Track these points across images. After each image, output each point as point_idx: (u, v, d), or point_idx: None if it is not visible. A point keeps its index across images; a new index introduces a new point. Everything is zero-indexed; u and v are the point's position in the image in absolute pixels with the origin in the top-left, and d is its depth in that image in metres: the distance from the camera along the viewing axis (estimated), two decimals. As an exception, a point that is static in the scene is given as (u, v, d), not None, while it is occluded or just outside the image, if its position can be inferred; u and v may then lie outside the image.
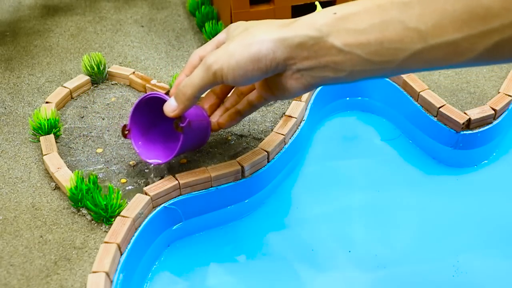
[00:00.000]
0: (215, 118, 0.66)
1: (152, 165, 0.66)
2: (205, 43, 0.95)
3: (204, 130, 0.65)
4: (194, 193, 0.67)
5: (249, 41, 0.51)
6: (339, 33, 0.47)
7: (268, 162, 0.71)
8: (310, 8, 0.91)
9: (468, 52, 0.43)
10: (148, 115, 0.66)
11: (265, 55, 0.50)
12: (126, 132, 0.65)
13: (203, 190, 0.67)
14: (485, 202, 0.74)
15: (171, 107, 0.58)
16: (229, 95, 0.67)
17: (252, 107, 0.63)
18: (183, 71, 0.62)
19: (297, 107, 0.77)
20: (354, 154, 0.81)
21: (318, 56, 0.49)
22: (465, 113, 0.76)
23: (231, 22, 0.90)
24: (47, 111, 0.75)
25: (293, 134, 0.75)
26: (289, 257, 0.68)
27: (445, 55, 0.44)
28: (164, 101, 0.60)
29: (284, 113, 0.76)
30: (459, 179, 0.78)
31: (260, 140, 0.74)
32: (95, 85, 0.85)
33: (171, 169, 0.70)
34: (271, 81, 0.55)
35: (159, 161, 0.65)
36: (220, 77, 0.53)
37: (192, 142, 0.65)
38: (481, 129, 0.77)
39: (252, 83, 0.54)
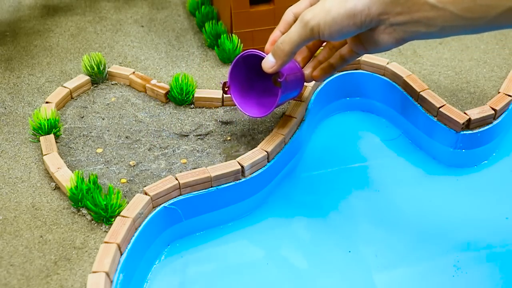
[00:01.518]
0: (308, 70, 0.68)
1: (252, 116, 0.69)
2: (205, 42, 0.95)
3: (299, 82, 0.68)
4: (194, 193, 0.67)
5: None
6: None
7: (268, 162, 0.71)
8: (310, 8, 0.91)
9: None
10: (245, 71, 0.68)
11: (361, 11, 0.52)
12: (226, 88, 0.68)
13: (203, 190, 0.67)
14: (485, 202, 0.74)
15: (269, 63, 0.61)
16: (321, 48, 0.69)
17: (344, 61, 0.65)
18: (277, 28, 0.64)
19: (297, 107, 0.77)
20: (354, 154, 0.81)
21: (411, 12, 0.51)
22: (465, 113, 0.76)
23: (231, 22, 0.90)
24: (47, 111, 0.75)
25: (293, 134, 0.75)
26: (289, 257, 0.68)
27: None
28: (261, 58, 0.62)
29: (284, 113, 0.76)
30: (459, 179, 0.78)
31: (260, 140, 0.74)
32: (95, 85, 0.85)
33: (171, 169, 0.70)
34: (364, 35, 0.57)
35: (259, 115, 0.68)
36: (317, 32, 0.55)
37: (289, 94, 0.67)
38: (481, 129, 0.77)
39: (346, 37, 0.57)
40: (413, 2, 0.50)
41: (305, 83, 0.73)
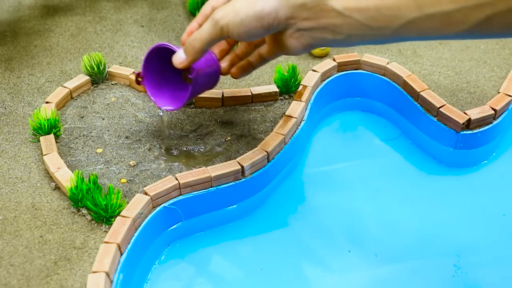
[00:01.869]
0: (225, 63, 0.68)
1: (165, 111, 0.69)
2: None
3: (214, 76, 0.67)
4: (194, 193, 0.67)
5: None
6: None
7: (268, 162, 0.71)
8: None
9: (461, 23, 0.44)
10: (159, 63, 0.67)
11: (268, 14, 0.52)
12: (140, 79, 0.68)
13: (203, 190, 0.67)
14: (485, 202, 0.74)
15: (179, 59, 0.61)
16: (239, 42, 0.69)
17: (263, 60, 0.66)
18: (195, 19, 0.64)
19: (297, 107, 0.77)
20: (354, 154, 0.81)
21: (318, 18, 0.51)
22: (465, 113, 0.76)
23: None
24: (47, 111, 0.75)
25: (293, 134, 0.75)
26: (289, 257, 0.68)
27: (439, 25, 0.46)
28: (173, 51, 0.62)
29: (284, 113, 0.76)
30: (459, 179, 0.78)
31: (260, 140, 0.74)
32: (95, 85, 0.85)
33: (171, 169, 0.70)
34: (276, 37, 0.57)
35: (172, 108, 0.68)
36: (226, 32, 0.55)
37: (202, 88, 0.67)
38: (481, 129, 0.77)
39: (256, 39, 0.57)
40: (320, 8, 0.50)
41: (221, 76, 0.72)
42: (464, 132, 0.76)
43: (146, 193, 0.64)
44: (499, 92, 0.81)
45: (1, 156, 0.74)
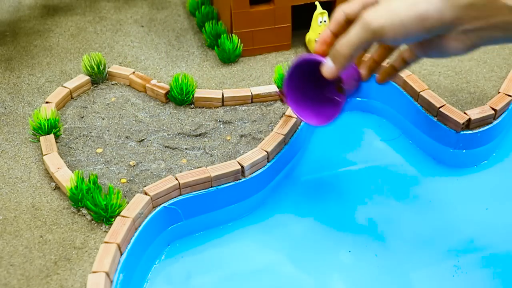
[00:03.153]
0: (363, 69, 0.65)
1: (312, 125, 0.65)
2: (205, 42, 0.95)
3: (357, 83, 0.64)
4: (194, 193, 0.67)
5: (414, 0, 0.50)
6: None
7: (268, 162, 0.71)
8: (311, 8, 0.91)
9: None
10: (298, 79, 0.64)
11: (432, 15, 0.49)
12: (283, 98, 0.64)
13: (203, 190, 0.67)
14: (485, 202, 0.74)
15: (329, 69, 0.57)
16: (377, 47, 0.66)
17: (406, 63, 0.63)
18: (327, 27, 0.60)
19: (297, 107, 0.77)
20: (354, 154, 0.81)
21: (488, 16, 0.48)
22: (465, 113, 0.76)
23: (231, 22, 0.90)
24: (47, 111, 0.75)
25: (293, 134, 0.75)
26: (289, 257, 0.68)
27: None
28: (318, 62, 0.59)
29: (284, 113, 0.76)
30: (459, 179, 0.78)
31: (260, 140, 0.74)
32: (95, 85, 0.85)
33: (171, 169, 0.70)
34: (428, 41, 0.54)
35: (322, 124, 0.64)
36: (380, 35, 0.51)
37: (349, 97, 0.63)
38: (481, 129, 0.77)
39: (410, 42, 0.54)
40: (491, 6, 0.47)
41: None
42: (464, 132, 0.76)
43: (146, 193, 0.64)
44: (499, 92, 0.81)
45: (1, 156, 0.74)
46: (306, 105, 0.66)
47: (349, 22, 0.58)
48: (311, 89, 0.66)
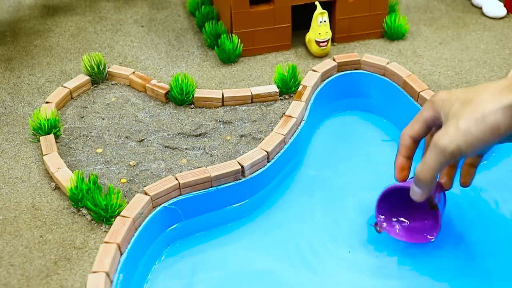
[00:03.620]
0: (443, 178, 0.67)
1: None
2: (205, 42, 0.95)
3: (443, 195, 0.67)
4: (194, 193, 0.67)
5: (481, 114, 0.52)
6: None
7: (268, 162, 0.71)
8: (310, 8, 0.91)
9: None
10: (388, 201, 0.67)
11: (504, 123, 0.52)
12: (379, 229, 0.67)
13: (203, 190, 0.67)
14: (485, 202, 0.74)
15: (418, 194, 0.59)
16: None
17: (481, 157, 0.66)
18: (399, 153, 0.63)
19: (297, 107, 0.77)
20: (354, 154, 0.81)
21: None
22: (465, 113, 0.76)
23: (231, 22, 0.90)
24: (47, 111, 0.75)
25: (293, 134, 0.75)
26: (289, 257, 0.68)
27: None
28: (405, 188, 0.62)
29: (284, 113, 0.76)
30: (459, 179, 0.78)
31: (260, 140, 0.74)
32: (95, 85, 0.85)
33: (171, 169, 0.70)
34: None
35: (428, 239, 0.66)
36: (459, 155, 0.54)
37: (442, 209, 0.66)
38: (481, 129, 0.77)
39: (486, 151, 0.58)
40: None
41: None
42: (464, 132, 0.76)
43: (146, 193, 0.64)
44: (499, 92, 0.81)
45: (1, 156, 0.74)
46: (404, 228, 0.68)
47: (416, 141, 0.62)
48: (402, 213, 0.68)
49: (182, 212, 0.67)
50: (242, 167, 0.68)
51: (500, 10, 1.03)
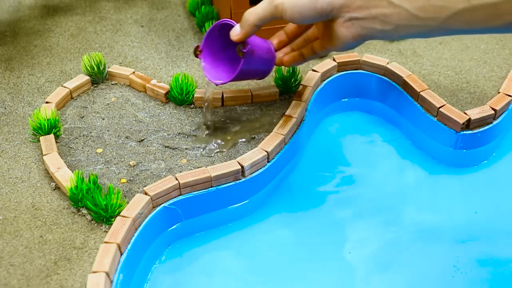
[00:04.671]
0: (280, 54, 0.71)
1: (217, 84, 0.70)
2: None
3: (267, 62, 0.70)
4: (194, 193, 0.67)
5: None
6: None
7: (268, 162, 0.71)
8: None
9: (507, 15, 0.46)
10: (219, 40, 0.70)
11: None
12: (198, 52, 0.70)
13: (203, 190, 0.67)
14: (485, 202, 0.74)
15: (235, 32, 0.64)
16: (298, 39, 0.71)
17: (314, 53, 0.68)
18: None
19: (297, 107, 0.77)
20: (353, 154, 0.81)
21: (370, 7, 0.52)
22: (465, 113, 0.76)
23: (231, 22, 0.90)
24: (47, 111, 0.75)
25: (293, 134, 0.75)
26: (289, 257, 0.68)
27: (486, 16, 0.47)
28: (233, 27, 0.65)
29: (284, 113, 0.76)
30: (459, 179, 0.78)
31: (260, 140, 0.74)
32: (95, 85, 0.85)
33: (171, 169, 0.70)
34: (326, 28, 0.59)
35: (222, 81, 0.69)
36: (281, 11, 0.58)
37: (253, 69, 0.69)
38: (481, 129, 0.77)
39: (308, 22, 0.59)
40: None
41: (279, 66, 0.76)
42: (464, 132, 0.76)
43: (146, 193, 0.64)
44: (499, 92, 0.81)
45: (1, 156, 0.74)
46: (221, 67, 0.72)
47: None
48: (226, 54, 0.72)
49: (182, 212, 0.67)
50: (242, 167, 0.68)
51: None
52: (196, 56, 0.70)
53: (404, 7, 0.50)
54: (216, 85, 0.69)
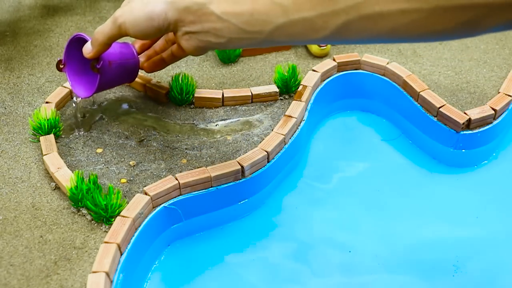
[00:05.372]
0: (143, 58, 0.72)
1: (80, 98, 0.73)
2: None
3: (129, 69, 0.71)
4: (194, 193, 0.67)
5: (147, 0, 0.56)
6: (219, 2, 0.52)
7: (268, 162, 0.71)
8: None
9: (322, 29, 0.47)
10: (79, 52, 0.69)
11: (158, 15, 0.55)
12: (62, 66, 0.71)
13: (203, 190, 0.67)
14: (485, 202, 0.74)
15: (87, 50, 0.65)
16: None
17: (174, 57, 0.69)
18: None
19: (297, 107, 0.77)
20: (354, 154, 0.81)
21: (202, 21, 0.54)
22: (465, 113, 0.77)
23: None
24: (47, 111, 0.75)
25: (293, 134, 0.75)
26: (289, 257, 0.68)
27: (304, 30, 0.49)
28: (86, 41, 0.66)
29: (284, 113, 0.76)
30: (459, 179, 0.78)
31: (260, 140, 0.74)
32: (95, 85, 0.85)
33: (171, 169, 0.70)
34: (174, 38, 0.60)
35: (83, 95, 0.71)
36: (124, 30, 0.59)
37: (115, 79, 0.70)
38: (481, 129, 0.77)
39: (151, 38, 0.61)
40: (202, 12, 0.53)
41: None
42: (464, 132, 0.76)
43: (146, 193, 0.64)
44: (499, 92, 0.81)
45: (1, 156, 0.74)
46: (85, 78, 0.73)
47: None
48: (86, 65, 0.73)
49: (182, 212, 0.67)
50: (242, 167, 0.68)
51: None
52: (60, 70, 0.71)
53: (231, 22, 0.52)
54: (82, 98, 0.71)
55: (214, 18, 0.52)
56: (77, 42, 0.69)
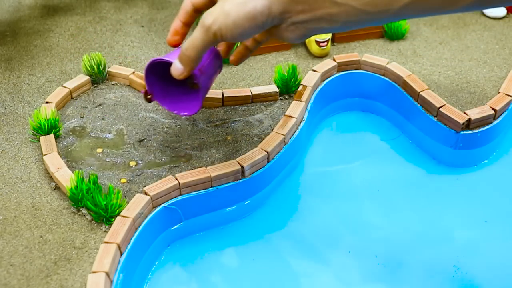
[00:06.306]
0: (221, 46, 0.67)
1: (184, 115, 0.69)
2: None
3: (217, 64, 0.66)
4: (194, 193, 0.67)
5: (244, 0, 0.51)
6: None
7: (268, 162, 0.71)
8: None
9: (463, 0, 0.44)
10: (160, 75, 0.67)
11: (261, 12, 0.51)
12: (149, 97, 0.67)
13: (203, 190, 0.67)
14: (485, 202, 0.74)
15: (178, 71, 0.59)
16: None
17: (258, 43, 0.65)
18: (177, 17, 0.62)
19: (297, 107, 0.77)
20: (354, 154, 0.81)
21: (313, 9, 0.49)
22: (465, 113, 0.77)
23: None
24: (47, 111, 0.75)
25: (293, 134, 0.75)
26: (289, 257, 0.68)
27: (442, 2, 0.44)
28: (170, 63, 0.61)
29: (284, 113, 0.76)
30: (459, 179, 0.78)
31: (260, 140, 0.74)
32: (95, 85, 0.85)
33: (171, 169, 0.70)
34: (269, 31, 0.55)
35: (188, 113, 0.67)
36: (220, 36, 0.53)
37: (210, 82, 0.66)
38: (481, 129, 0.77)
39: (251, 37, 0.55)
40: (314, 0, 0.49)
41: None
42: (464, 132, 0.76)
43: (146, 193, 0.64)
44: (499, 92, 0.81)
45: (1, 156, 0.74)
46: (175, 98, 0.69)
47: (197, 10, 0.60)
48: (172, 84, 0.68)
49: (182, 212, 0.67)
50: (242, 167, 0.68)
51: (500, 10, 1.03)
52: (149, 101, 0.67)
53: (350, 5, 0.47)
54: (190, 115, 0.68)
55: (328, 4, 0.48)
56: (154, 67, 0.66)
